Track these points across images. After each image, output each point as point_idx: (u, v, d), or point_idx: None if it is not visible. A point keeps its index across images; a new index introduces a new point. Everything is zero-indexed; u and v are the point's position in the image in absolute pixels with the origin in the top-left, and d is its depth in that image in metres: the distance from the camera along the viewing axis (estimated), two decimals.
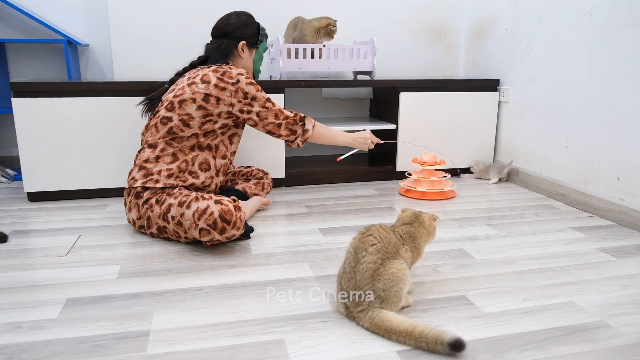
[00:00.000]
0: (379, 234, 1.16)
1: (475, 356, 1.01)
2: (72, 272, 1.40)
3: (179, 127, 1.67)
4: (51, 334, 1.08)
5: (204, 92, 1.66)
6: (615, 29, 1.86)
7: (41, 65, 2.55)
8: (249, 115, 1.72)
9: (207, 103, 1.66)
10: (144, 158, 1.67)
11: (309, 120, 1.81)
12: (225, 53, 1.81)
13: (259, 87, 1.73)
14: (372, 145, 1.95)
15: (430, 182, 2.22)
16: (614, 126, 1.89)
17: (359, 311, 1.12)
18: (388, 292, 1.11)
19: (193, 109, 1.66)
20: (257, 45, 1.86)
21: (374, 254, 1.13)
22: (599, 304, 1.23)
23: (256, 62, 1.90)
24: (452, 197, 2.21)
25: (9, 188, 2.31)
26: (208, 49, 1.83)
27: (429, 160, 2.25)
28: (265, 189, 2.04)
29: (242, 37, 1.81)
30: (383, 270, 1.12)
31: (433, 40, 2.88)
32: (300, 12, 2.64)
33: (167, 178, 1.64)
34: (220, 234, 1.49)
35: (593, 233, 1.75)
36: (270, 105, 1.74)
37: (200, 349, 1.03)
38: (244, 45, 1.82)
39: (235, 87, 1.68)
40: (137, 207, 1.65)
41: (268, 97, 1.76)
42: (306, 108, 2.78)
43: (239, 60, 1.84)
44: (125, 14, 2.45)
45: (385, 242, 1.15)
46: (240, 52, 1.82)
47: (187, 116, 1.66)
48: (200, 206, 1.51)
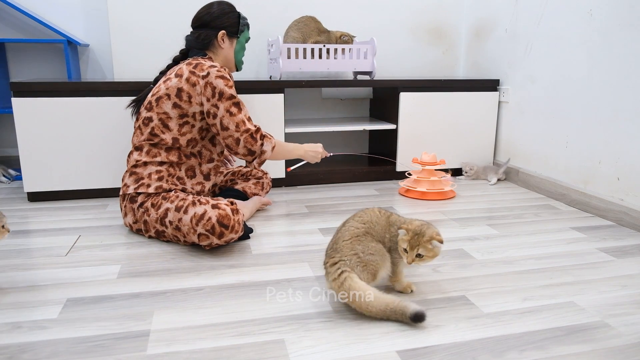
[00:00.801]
0: (371, 215, 1.24)
1: (475, 356, 1.01)
2: (72, 272, 1.40)
3: (159, 128, 1.64)
4: (51, 334, 1.08)
5: (177, 87, 1.63)
6: (615, 29, 1.86)
7: (41, 65, 2.55)
8: (213, 120, 1.64)
9: (180, 100, 1.62)
10: (132, 162, 1.66)
11: (268, 142, 1.70)
12: (204, 44, 1.75)
13: (229, 83, 1.65)
14: (319, 159, 1.91)
15: (430, 182, 2.22)
16: (614, 126, 1.89)
17: (333, 265, 1.17)
18: (365, 257, 1.16)
19: (169, 107, 1.63)
20: (238, 35, 1.80)
21: (359, 223, 1.22)
22: (599, 304, 1.23)
23: (237, 52, 1.83)
24: (452, 197, 2.21)
25: (9, 188, 2.31)
26: (188, 41, 1.78)
27: (429, 160, 2.25)
28: (264, 188, 2.04)
29: (222, 27, 1.75)
30: (364, 239, 1.19)
31: (433, 40, 2.88)
32: (300, 11, 2.64)
33: (157, 181, 1.63)
34: (218, 238, 1.49)
35: (593, 233, 1.75)
36: (235, 111, 1.64)
37: (200, 349, 1.03)
38: (224, 35, 1.76)
39: (204, 81, 1.62)
40: (133, 211, 1.65)
41: (237, 100, 1.66)
42: (306, 108, 2.78)
43: (220, 51, 1.78)
44: (125, 14, 2.45)
45: (375, 222, 1.22)
46: (221, 42, 1.76)
47: (165, 115, 1.64)
48: (197, 211, 1.50)
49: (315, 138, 2.81)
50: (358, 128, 2.41)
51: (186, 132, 1.66)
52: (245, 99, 2.22)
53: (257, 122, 2.26)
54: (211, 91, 1.62)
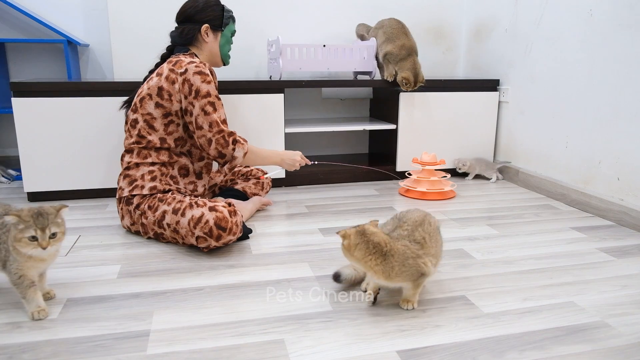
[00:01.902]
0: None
1: (475, 356, 1.01)
2: (72, 272, 1.40)
3: (145, 130, 1.63)
4: (51, 334, 1.08)
5: (157, 86, 1.61)
6: (615, 29, 1.86)
7: (41, 65, 2.55)
8: (190, 118, 1.61)
9: (162, 99, 1.61)
10: (124, 165, 1.66)
11: (240, 147, 1.66)
12: (188, 39, 1.72)
13: (207, 79, 1.61)
14: (297, 167, 1.85)
15: (430, 182, 2.22)
16: (614, 126, 1.89)
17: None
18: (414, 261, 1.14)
19: (152, 107, 1.62)
20: (222, 28, 1.76)
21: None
22: (599, 304, 1.23)
23: (223, 46, 1.79)
24: (452, 197, 2.21)
25: (9, 188, 2.31)
26: (172, 37, 1.75)
27: (429, 161, 2.25)
28: (264, 188, 2.04)
29: (205, 20, 1.71)
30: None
31: (433, 40, 2.88)
32: (300, 12, 2.64)
33: (151, 181, 1.62)
34: (216, 240, 1.49)
35: (593, 233, 1.75)
36: (210, 110, 1.60)
37: (200, 349, 1.03)
38: (208, 29, 1.72)
39: (182, 78, 1.59)
40: (129, 213, 1.65)
41: (212, 99, 1.61)
42: (306, 108, 2.78)
43: (204, 46, 1.75)
44: (125, 14, 2.45)
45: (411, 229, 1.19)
46: (204, 36, 1.72)
47: (149, 116, 1.62)
48: (195, 214, 1.49)
49: (315, 138, 2.81)
50: (358, 128, 2.41)
51: (172, 131, 1.65)
52: (245, 99, 2.22)
53: (257, 122, 2.26)
54: (188, 88, 1.59)
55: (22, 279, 1.11)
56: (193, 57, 1.71)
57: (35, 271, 1.13)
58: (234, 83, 2.19)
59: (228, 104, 2.20)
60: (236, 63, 2.62)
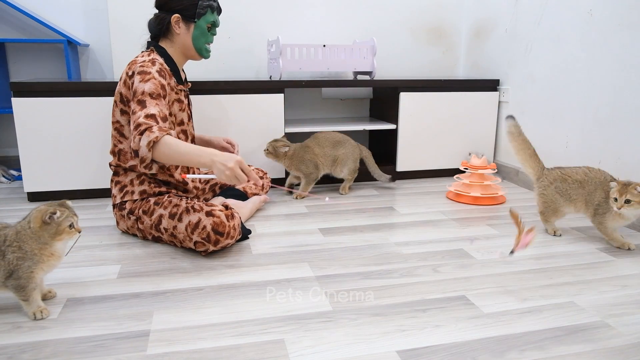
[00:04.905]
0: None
1: (475, 356, 1.01)
2: (72, 272, 1.40)
3: (116, 139, 1.60)
4: (51, 334, 1.08)
5: (119, 92, 1.56)
6: (615, 29, 1.86)
7: (41, 65, 2.55)
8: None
9: (125, 105, 1.55)
10: (113, 170, 1.66)
11: (146, 136, 1.36)
12: (159, 29, 1.59)
13: (146, 77, 1.46)
14: (235, 180, 1.36)
15: (483, 186, 2.14)
16: (614, 126, 1.89)
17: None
18: None
19: (118, 114, 1.58)
20: (196, 19, 1.60)
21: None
22: (599, 304, 1.23)
23: (197, 38, 1.62)
24: (503, 203, 2.14)
25: (9, 188, 2.31)
26: (148, 25, 1.64)
27: (480, 164, 2.17)
28: (264, 188, 2.04)
29: (176, 10, 1.56)
30: None
31: (433, 40, 2.88)
32: (300, 12, 2.64)
33: (139, 185, 1.62)
34: (214, 245, 1.48)
35: (593, 233, 1.75)
36: (137, 109, 1.42)
37: (200, 349, 1.03)
38: (179, 20, 1.58)
39: (131, 81, 1.49)
40: (124, 218, 1.65)
41: (144, 97, 1.44)
42: (306, 108, 2.78)
43: (176, 38, 1.61)
44: (125, 14, 2.45)
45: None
46: (176, 27, 1.58)
47: (118, 124, 1.59)
48: (192, 220, 1.48)
49: None
50: (358, 128, 2.41)
51: None
52: (245, 99, 2.22)
53: (257, 122, 2.26)
54: (134, 89, 1.49)
55: (30, 281, 1.11)
56: (151, 54, 1.59)
57: (48, 270, 1.14)
58: (234, 83, 2.19)
59: (228, 104, 2.20)
60: (236, 63, 2.63)
